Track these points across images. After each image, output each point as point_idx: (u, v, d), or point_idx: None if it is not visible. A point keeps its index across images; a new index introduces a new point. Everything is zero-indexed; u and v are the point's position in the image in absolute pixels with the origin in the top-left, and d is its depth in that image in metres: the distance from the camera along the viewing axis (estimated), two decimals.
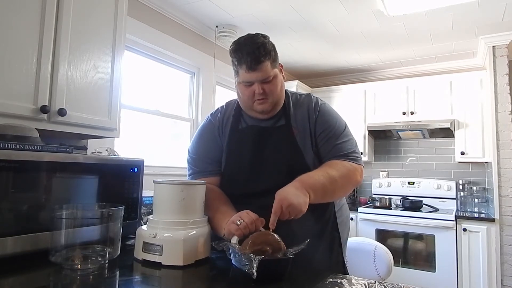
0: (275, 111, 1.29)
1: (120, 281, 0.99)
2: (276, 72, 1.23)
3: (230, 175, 1.31)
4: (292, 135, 1.26)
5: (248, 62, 1.17)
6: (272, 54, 1.21)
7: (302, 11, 2.76)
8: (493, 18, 2.82)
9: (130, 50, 2.57)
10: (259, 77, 1.19)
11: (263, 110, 1.24)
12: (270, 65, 1.20)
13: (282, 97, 1.28)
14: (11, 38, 1.38)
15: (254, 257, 0.90)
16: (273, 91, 1.22)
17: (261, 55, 1.17)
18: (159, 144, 2.87)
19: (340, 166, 1.21)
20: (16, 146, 1.15)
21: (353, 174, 1.23)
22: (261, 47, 1.18)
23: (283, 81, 1.28)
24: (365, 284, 0.92)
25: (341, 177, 1.18)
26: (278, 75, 1.24)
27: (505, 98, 3.05)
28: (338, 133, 1.27)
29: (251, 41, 1.20)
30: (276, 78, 1.23)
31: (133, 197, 1.48)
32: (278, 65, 1.26)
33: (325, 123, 1.27)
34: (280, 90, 1.25)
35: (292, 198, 1.04)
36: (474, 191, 3.52)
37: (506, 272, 2.89)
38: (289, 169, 1.21)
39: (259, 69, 1.17)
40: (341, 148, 1.24)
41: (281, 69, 1.29)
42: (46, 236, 1.08)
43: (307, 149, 1.25)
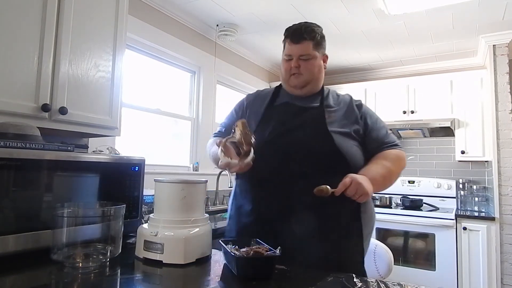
0: (309, 90, 1.37)
1: (121, 279, 0.99)
2: (316, 54, 1.35)
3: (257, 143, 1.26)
4: (322, 116, 1.31)
5: (292, 36, 1.35)
6: (317, 37, 1.35)
7: (302, 10, 2.76)
8: (493, 17, 2.81)
9: (131, 49, 2.57)
10: (298, 51, 1.32)
11: (296, 84, 1.36)
12: (312, 46, 1.33)
13: (318, 79, 1.38)
14: (12, 36, 1.38)
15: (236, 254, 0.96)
16: (309, 69, 1.34)
17: (305, 33, 1.33)
18: (160, 143, 2.87)
19: (392, 155, 1.33)
20: (18, 144, 1.15)
21: (402, 161, 1.37)
22: (308, 27, 1.35)
23: (322, 67, 1.39)
24: (365, 283, 0.93)
25: (394, 165, 1.31)
26: (318, 59, 1.36)
27: (505, 97, 3.05)
28: (381, 127, 1.41)
29: (304, 23, 1.38)
30: (315, 59, 1.34)
31: (134, 195, 1.49)
32: (321, 52, 1.38)
33: (371, 117, 1.40)
34: (317, 71, 1.36)
35: (363, 180, 1.14)
36: (474, 190, 3.52)
37: (506, 271, 2.90)
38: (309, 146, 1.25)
39: (299, 43, 1.32)
40: (389, 139, 1.39)
41: (325, 59, 1.42)
42: (47, 234, 1.08)
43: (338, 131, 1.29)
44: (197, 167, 3.05)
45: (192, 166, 3.05)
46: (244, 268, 0.95)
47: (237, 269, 0.95)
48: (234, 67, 3.60)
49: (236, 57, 3.65)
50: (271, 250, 1.01)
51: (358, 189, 1.11)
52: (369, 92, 3.94)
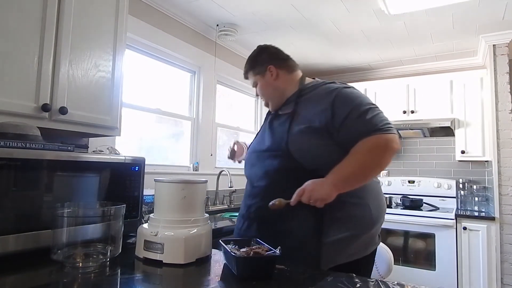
0: (277, 104, 1.44)
1: (122, 279, 0.99)
2: (257, 78, 1.47)
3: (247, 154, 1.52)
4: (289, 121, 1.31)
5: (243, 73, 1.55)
6: (253, 64, 1.48)
7: (303, 10, 2.76)
8: (493, 17, 2.81)
9: (131, 49, 2.57)
10: (251, 84, 1.51)
11: (264, 105, 1.51)
12: (253, 74, 1.48)
13: (272, 96, 1.45)
14: (12, 36, 1.38)
15: (236, 254, 0.96)
16: (261, 93, 1.48)
17: (246, 66, 1.51)
18: (160, 143, 2.87)
19: (367, 143, 1.18)
20: (18, 144, 1.15)
21: (385, 145, 1.18)
22: (247, 62, 1.51)
23: (269, 82, 1.44)
24: (365, 282, 0.93)
25: (370, 154, 1.18)
26: (261, 79, 1.46)
27: (505, 97, 3.05)
28: (360, 113, 1.22)
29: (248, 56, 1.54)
30: (260, 83, 1.46)
31: (134, 195, 1.49)
32: (261, 70, 1.45)
33: (345, 106, 1.24)
34: (266, 91, 1.46)
35: (317, 186, 1.14)
36: (474, 190, 3.52)
37: (506, 271, 2.90)
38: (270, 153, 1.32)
39: (247, 77, 1.53)
40: (367, 127, 1.20)
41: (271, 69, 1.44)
42: (47, 234, 1.08)
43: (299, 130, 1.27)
44: (197, 167, 3.05)
45: (192, 166, 3.05)
46: (244, 268, 0.95)
47: (237, 269, 0.95)
48: (234, 67, 3.60)
49: (236, 57, 3.65)
50: (271, 250, 1.01)
51: (312, 196, 1.13)
52: (369, 92, 3.94)
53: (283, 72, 1.44)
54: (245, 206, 1.37)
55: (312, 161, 1.24)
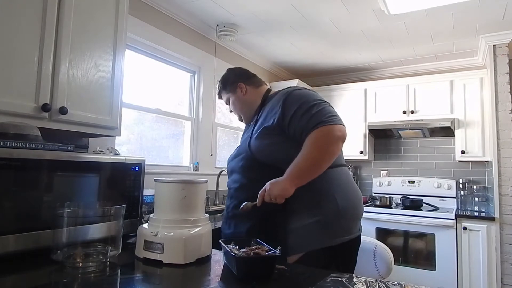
0: (248, 118, 1.61)
1: (122, 280, 0.99)
2: (229, 96, 1.64)
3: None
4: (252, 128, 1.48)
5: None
6: (224, 83, 1.65)
7: (302, 10, 2.76)
8: (493, 17, 2.81)
9: (131, 49, 2.57)
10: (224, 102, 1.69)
11: (238, 119, 1.68)
12: (224, 94, 1.66)
13: (244, 109, 1.61)
14: (12, 36, 1.38)
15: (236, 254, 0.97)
16: (234, 107, 1.64)
17: (218, 89, 1.70)
18: (160, 143, 2.87)
19: (312, 137, 1.28)
20: (18, 144, 1.15)
21: (327, 135, 1.27)
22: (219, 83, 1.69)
23: (240, 98, 1.61)
24: (365, 283, 0.93)
25: (315, 146, 1.27)
26: (232, 96, 1.63)
27: (505, 97, 3.05)
28: (306, 109, 1.32)
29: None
30: (232, 100, 1.63)
31: (134, 195, 1.49)
32: (232, 88, 1.62)
33: (291, 106, 1.36)
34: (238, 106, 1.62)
35: (273, 185, 1.25)
36: (474, 190, 3.52)
37: (506, 271, 2.90)
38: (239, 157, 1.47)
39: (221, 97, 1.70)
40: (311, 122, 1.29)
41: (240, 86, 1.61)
42: (47, 234, 1.09)
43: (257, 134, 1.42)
44: (197, 167, 3.05)
45: (192, 166, 3.05)
46: (244, 268, 0.95)
47: (237, 269, 0.95)
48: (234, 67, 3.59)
49: (236, 57, 3.65)
50: (271, 250, 1.01)
51: (271, 194, 1.24)
52: (369, 92, 3.94)
53: (251, 87, 1.61)
54: (225, 208, 1.53)
55: (272, 158, 1.37)
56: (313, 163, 1.27)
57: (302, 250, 1.28)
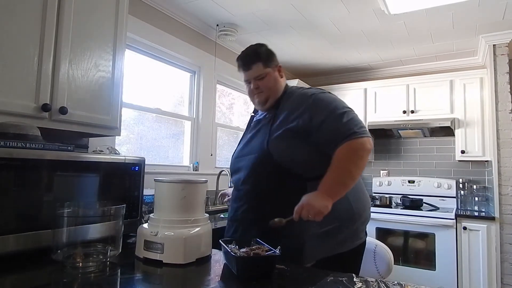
0: (270, 103, 1.46)
1: (122, 279, 0.99)
2: (268, 71, 1.45)
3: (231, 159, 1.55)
4: (270, 125, 1.39)
5: (243, 65, 1.48)
6: (263, 56, 1.46)
7: (303, 10, 2.76)
8: (493, 17, 2.81)
9: (131, 49, 2.57)
10: (252, 75, 1.46)
11: (259, 102, 1.47)
12: (262, 65, 1.45)
13: (276, 91, 1.47)
14: (12, 36, 1.38)
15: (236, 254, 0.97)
16: (266, 86, 1.45)
17: (252, 58, 1.46)
18: (160, 143, 2.87)
19: (347, 151, 1.25)
20: (18, 144, 1.15)
21: (361, 150, 1.26)
22: (253, 52, 1.48)
23: (278, 78, 1.48)
24: (365, 283, 0.93)
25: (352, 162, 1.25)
26: (271, 73, 1.46)
27: (505, 97, 3.05)
28: (336, 116, 1.29)
29: (248, 49, 1.51)
30: (269, 75, 1.45)
31: (134, 195, 1.49)
32: (273, 65, 1.48)
33: (319, 112, 1.31)
34: (273, 84, 1.46)
35: (313, 200, 1.18)
36: (474, 190, 3.52)
37: (506, 271, 2.90)
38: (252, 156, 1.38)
39: (251, 68, 1.45)
40: (343, 132, 1.26)
41: (279, 69, 1.51)
42: (47, 234, 1.09)
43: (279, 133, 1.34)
44: (197, 167, 3.05)
45: (192, 166, 3.05)
46: (244, 268, 0.95)
47: (237, 269, 0.95)
48: (234, 67, 3.57)
49: (236, 57, 3.64)
50: (271, 250, 1.01)
51: (310, 210, 1.16)
52: (369, 92, 3.94)
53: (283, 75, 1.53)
54: (232, 210, 1.45)
55: (291, 161, 1.31)
56: (350, 177, 1.25)
57: (316, 257, 1.26)
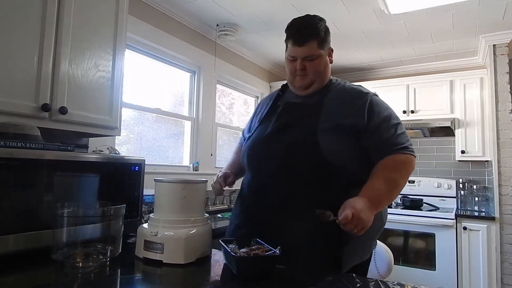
0: (314, 89, 1.30)
1: (122, 279, 0.99)
2: (321, 53, 1.26)
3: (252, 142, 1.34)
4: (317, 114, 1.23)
5: (295, 38, 1.25)
6: (321, 35, 1.26)
7: (303, 10, 2.76)
8: (493, 17, 2.81)
9: (131, 49, 2.57)
10: (302, 53, 1.25)
11: (300, 85, 1.30)
12: (317, 45, 1.24)
13: (323, 77, 1.31)
14: (12, 36, 1.38)
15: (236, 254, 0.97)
16: (315, 69, 1.26)
17: (308, 34, 1.24)
18: (160, 143, 2.87)
19: (398, 164, 1.20)
20: (17, 144, 1.15)
21: (410, 167, 1.21)
22: (311, 26, 1.26)
23: (328, 63, 1.31)
24: (365, 282, 0.93)
25: (401, 176, 1.19)
26: (323, 56, 1.28)
27: (505, 97, 3.05)
28: (390, 126, 1.24)
29: (306, 20, 1.29)
30: (321, 58, 1.27)
31: (134, 195, 1.49)
32: (326, 47, 1.29)
33: (379, 114, 1.25)
34: (322, 70, 1.28)
35: (364, 213, 1.04)
36: (474, 190, 3.52)
37: (506, 271, 2.90)
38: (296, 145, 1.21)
39: (304, 45, 1.23)
40: (396, 143, 1.22)
41: (330, 53, 1.33)
42: (47, 234, 1.08)
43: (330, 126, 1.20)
44: (197, 167, 3.05)
45: (192, 166, 3.05)
46: (244, 268, 0.95)
47: (237, 269, 0.95)
48: (234, 67, 3.60)
49: (236, 57, 3.64)
50: (271, 250, 1.01)
51: (358, 224, 1.04)
52: None
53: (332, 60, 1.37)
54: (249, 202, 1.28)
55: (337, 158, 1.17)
56: (396, 190, 1.18)
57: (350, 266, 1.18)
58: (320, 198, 1.16)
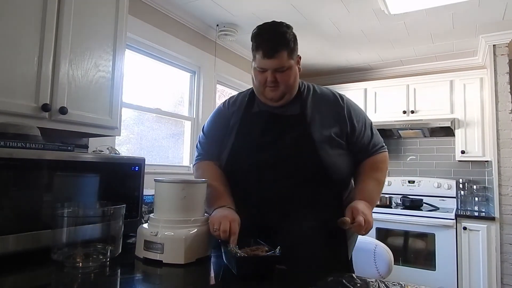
0: (285, 100, 1.27)
1: (121, 279, 0.99)
2: (291, 64, 1.22)
3: (235, 154, 1.29)
4: (306, 124, 1.24)
5: (264, 49, 1.18)
6: (291, 44, 1.21)
7: (303, 10, 2.76)
8: (493, 17, 2.81)
9: (131, 49, 2.57)
10: (273, 65, 1.19)
11: (272, 97, 1.25)
12: (287, 56, 1.19)
13: (294, 87, 1.27)
14: (12, 36, 1.38)
15: (236, 254, 0.96)
16: (285, 81, 1.22)
17: (278, 45, 1.18)
18: (160, 143, 2.87)
19: (380, 163, 1.33)
20: (18, 144, 1.15)
21: (387, 164, 1.37)
22: (280, 36, 1.19)
23: (297, 73, 1.27)
24: (365, 282, 0.93)
25: (383, 174, 1.33)
26: (293, 67, 1.23)
27: (505, 97, 3.05)
28: (366, 127, 1.33)
29: (273, 29, 1.22)
30: (291, 69, 1.22)
31: (134, 195, 1.48)
32: (295, 56, 1.25)
33: (357, 117, 1.31)
34: (293, 81, 1.24)
35: (370, 217, 1.14)
36: (474, 190, 3.52)
37: (506, 271, 2.90)
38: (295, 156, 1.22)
39: (274, 57, 1.17)
40: (375, 144, 1.34)
41: (299, 61, 1.28)
42: (47, 234, 1.08)
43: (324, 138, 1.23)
44: None
45: (192, 166, 3.05)
46: (244, 268, 0.95)
47: (237, 269, 0.95)
48: (234, 67, 3.60)
49: (236, 57, 3.64)
50: (271, 250, 1.01)
51: (368, 228, 1.13)
52: (369, 92, 3.94)
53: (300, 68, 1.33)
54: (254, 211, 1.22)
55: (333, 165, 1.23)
56: (382, 188, 1.33)
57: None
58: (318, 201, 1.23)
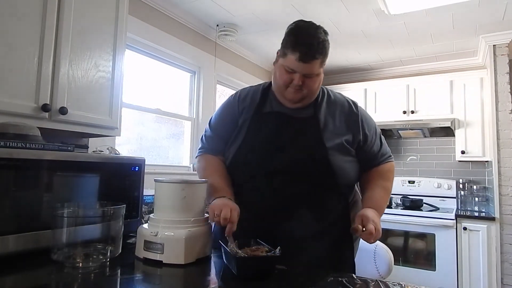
0: (303, 104, 1.25)
1: (122, 280, 0.99)
2: (320, 71, 1.22)
3: (244, 154, 1.26)
4: (317, 127, 1.23)
5: (302, 53, 1.15)
6: (327, 53, 1.22)
7: (303, 10, 2.76)
8: (493, 17, 2.81)
9: (131, 49, 2.57)
10: (304, 70, 1.17)
11: (292, 99, 1.23)
12: (320, 63, 1.19)
13: (316, 94, 1.27)
14: (13, 37, 1.38)
15: (236, 255, 0.96)
16: (311, 86, 1.21)
17: (316, 52, 1.17)
18: (160, 143, 2.87)
19: (387, 172, 1.36)
20: (18, 144, 1.15)
21: (393, 173, 1.40)
22: (320, 44, 1.18)
23: (322, 80, 1.26)
24: (365, 282, 0.93)
25: (391, 183, 1.36)
26: (321, 74, 1.24)
27: (505, 97, 3.05)
28: (377, 137, 1.36)
29: (313, 33, 1.20)
30: (319, 76, 1.22)
31: (134, 195, 1.48)
32: (324, 65, 1.25)
33: (369, 126, 1.32)
34: (317, 87, 1.24)
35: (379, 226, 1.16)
36: (475, 190, 3.52)
37: (506, 271, 2.90)
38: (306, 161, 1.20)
39: (309, 63, 1.16)
40: (383, 154, 1.36)
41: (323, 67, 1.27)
42: (47, 234, 1.08)
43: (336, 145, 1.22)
44: None
45: (192, 166, 3.05)
46: (244, 268, 0.95)
47: (237, 269, 0.95)
48: (234, 67, 3.60)
49: (236, 57, 3.65)
50: (271, 251, 1.01)
51: (377, 237, 1.14)
52: (369, 92, 3.94)
53: None
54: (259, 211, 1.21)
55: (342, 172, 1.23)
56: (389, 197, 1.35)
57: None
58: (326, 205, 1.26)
